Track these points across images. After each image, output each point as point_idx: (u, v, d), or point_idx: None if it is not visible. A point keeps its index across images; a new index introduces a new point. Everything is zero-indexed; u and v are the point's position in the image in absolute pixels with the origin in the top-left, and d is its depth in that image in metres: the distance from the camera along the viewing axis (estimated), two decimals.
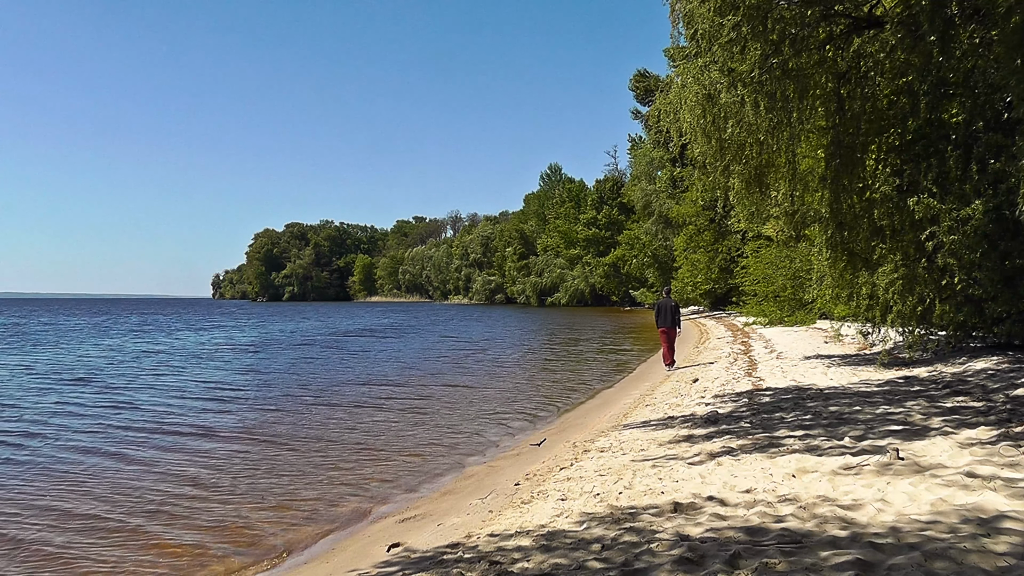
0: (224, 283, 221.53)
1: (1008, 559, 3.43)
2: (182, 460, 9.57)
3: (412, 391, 15.87)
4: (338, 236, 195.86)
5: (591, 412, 12.41)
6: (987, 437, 6.11)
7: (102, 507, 7.51)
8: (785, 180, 10.15)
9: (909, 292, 10.33)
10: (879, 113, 9.57)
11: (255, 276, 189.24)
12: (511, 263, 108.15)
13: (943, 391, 9.17)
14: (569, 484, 6.60)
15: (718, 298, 45.74)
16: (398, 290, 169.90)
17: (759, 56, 8.28)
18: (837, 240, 10.35)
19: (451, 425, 11.73)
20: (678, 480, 5.92)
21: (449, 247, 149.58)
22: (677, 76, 10.18)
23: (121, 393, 16.01)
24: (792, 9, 8.46)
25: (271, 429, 11.62)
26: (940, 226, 9.42)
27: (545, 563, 4.17)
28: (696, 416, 9.27)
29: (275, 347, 29.97)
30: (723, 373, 13.97)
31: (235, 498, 7.81)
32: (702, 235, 46.94)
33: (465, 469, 8.95)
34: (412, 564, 4.82)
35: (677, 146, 11.29)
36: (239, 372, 20.32)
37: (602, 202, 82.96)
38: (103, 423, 12.32)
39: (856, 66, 9.27)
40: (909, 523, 4.10)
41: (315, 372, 20.14)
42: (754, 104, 8.56)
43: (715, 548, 4.00)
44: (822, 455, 6.07)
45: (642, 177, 63.34)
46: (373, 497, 7.86)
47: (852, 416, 7.90)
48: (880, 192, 9.91)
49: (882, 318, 11.40)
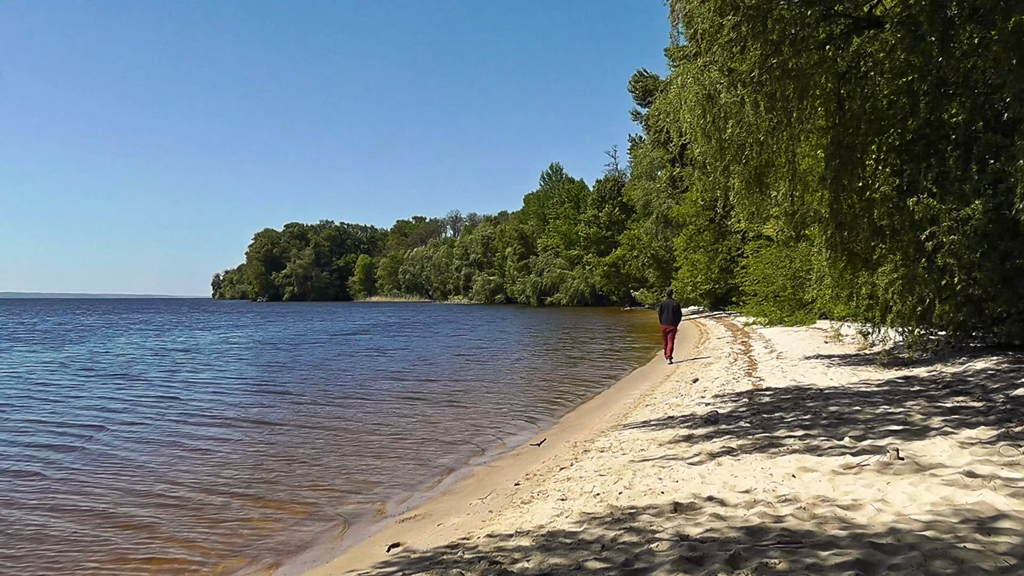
0: (224, 283, 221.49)
1: (1008, 559, 3.43)
2: (185, 460, 9.57)
3: (412, 391, 15.86)
4: (338, 236, 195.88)
5: (591, 412, 12.41)
6: (987, 437, 6.11)
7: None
8: (785, 180, 10.16)
9: (909, 292, 10.33)
10: (879, 113, 9.56)
11: (255, 276, 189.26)
12: (511, 263, 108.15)
13: (943, 391, 9.18)
14: (569, 484, 6.60)
15: (718, 298, 45.73)
16: (398, 290, 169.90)
17: (759, 56, 8.29)
18: (837, 240, 10.36)
19: (451, 425, 11.73)
20: (678, 480, 5.92)
21: (449, 247, 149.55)
22: (677, 76, 10.19)
23: (164, 388, 16.90)
24: (792, 9, 8.47)
25: (270, 429, 11.62)
26: (940, 226, 9.42)
27: (545, 563, 4.17)
28: (696, 416, 9.27)
29: (282, 345, 29.98)
30: (723, 373, 13.97)
31: (235, 498, 7.81)
32: (702, 235, 46.93)
33: (465, 469, 8.95)
34: (412, 564, 4.82)
35: (677, 146, 11.29)
36: (258, 369, 20.39)
37: (602, 202, 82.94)
38: (157, 415, 13.10)
39: (856, 66, 9.27)
40: (909, 523, 4.10)
41: (315, 371, 20.14)
42: (754, 104, 8.57)
43: (715, 548, 4.00)
44: (822, 455, 6.07)
45: (642, 177, 63.37)
46: (373, 497, 7.86)
47: (852, 416, 7.90)
48: (880, 192, 9.91)
49: (882, 318, 11.40)
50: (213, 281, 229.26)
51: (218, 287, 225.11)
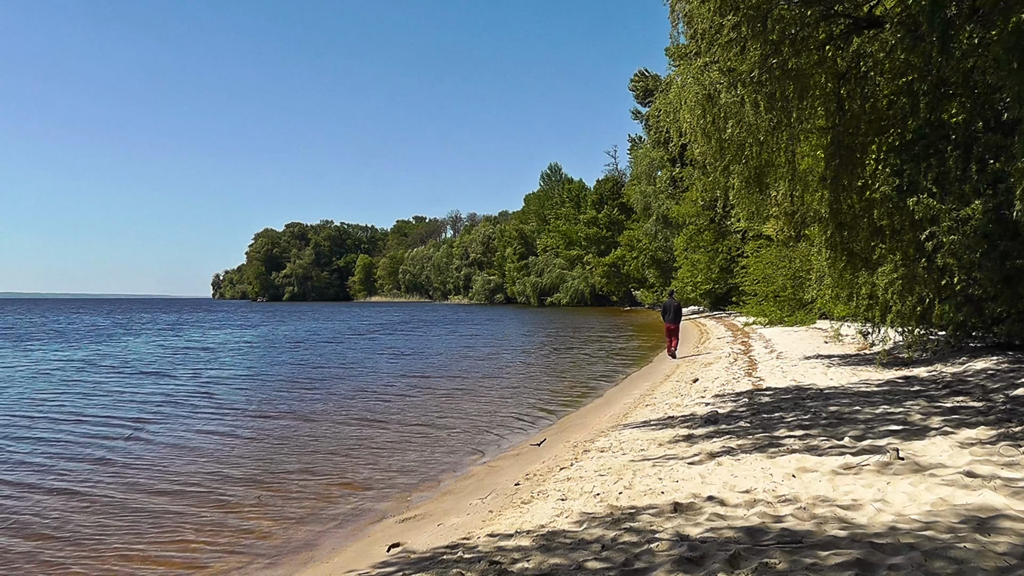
0: (224, 283, 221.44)
1: (1008, 559, 3.43)
2: (184, 459, 9.58)
3: (412, 390, 15.87)
4: (338, 236, 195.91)
5: (591, 412, 12.41)
6: (987, 437, 6.11)
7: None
8: (785, 180, 10.17)
9: (909, 292, 10.34)
10: (879, 113, 9.58)
11: (255, 276, 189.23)
12: (511, 263, 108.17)
13: (943, 391, 9.18)
14: (569, 484, 6.60)
15: (718, 298, 45.74)
16: (398, 290, 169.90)
17: (759, 56, 8.29)
18: (837, 240, 10.37)
19: (451, 425, 11.73)
20: (678, 480, 5.92)
21: (449, 247, 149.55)
22: (677, 76, 10.19)
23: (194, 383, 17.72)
24: (792, 9, 8.47)
25: (270, 428, 11.62)
26: (940, 226, 9.42)
27: (545, 563, 4.17)
28: (696, 416, 9.28)
29: (284, 344, 30.01)
30: (723, 373, 13.98)
31: (235, 497, 7.81)
32: (702, 235, 46.93)
33: (465, 469, 8.96)
34: (412, 564, 4.83)
35: (677, 146, 11.30)
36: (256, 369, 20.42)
37: (602, 202, 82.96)
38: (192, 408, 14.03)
39: (856, 66, 9.28)
40: (909, 523, 4.11)
41: (316, 370, 20.14)
42: (754, 104, 8.57)
43: (715, 548, 4.01)
44: (822, 455, 6.07)
45: (642, 177, 63.33)
46: (373, 497, 7.86)
47: (852, 416, 7.90)
48: (880, 192, 9.91)
49: (882, 318, 11.41)
50: (213, 281, 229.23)
51: (218, 287, 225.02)
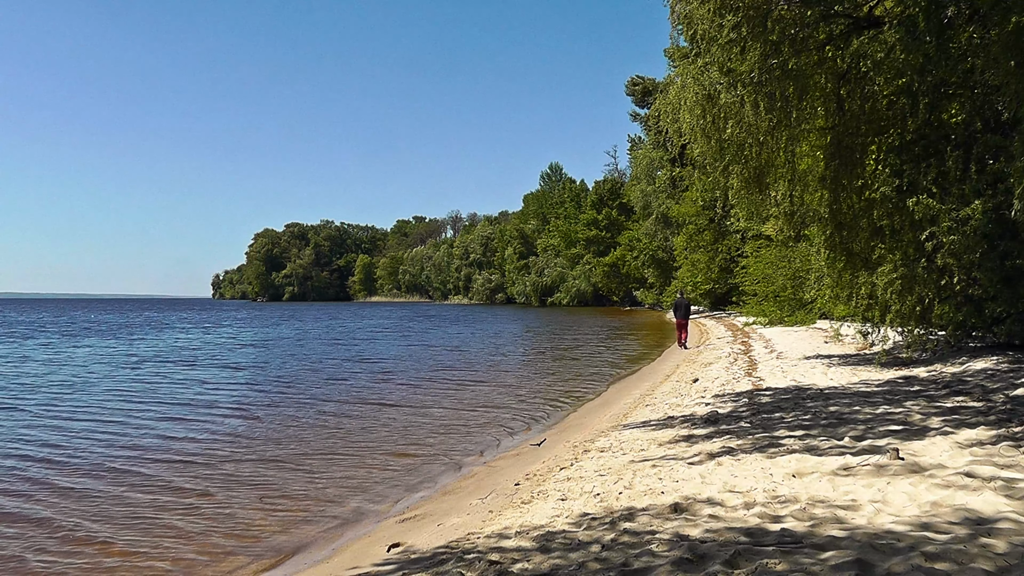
0: (224, 283, 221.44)
1: (1008, 559, 3.43)
2: (184, 459, 9.58)
3: (412, 390, 15.87)
4: (338, 236, 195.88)
5: (591, 412, 12.42)
6: (987, 437, 6.11)
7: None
8: (785, 180, 10.18)
9: (908, 292, 10.34)
10: (879, 113, 9.58)
11: (255, 276, 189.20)
12: (511, 263, 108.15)
13: (943, 391, 9.18)
14: (569, 484, 6.61)
15: (718, 298, 45.75)
16: (398, 290, 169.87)
17: (759, 56, 8.30)
18: (837, 240, 10.38)
19: (451, 425, 11.74)
20: (678, 480, 5.92)
21: (449, 247, 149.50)
22: (677, 77, 10.19)
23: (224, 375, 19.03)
24: (792, 9, 8.48)
25: (270, 428, 11.62)
26: (940, 226, 9.43)
27: (545, 563, 4.17)
28: (696, 416, 9.28)
29: (285, 343, 30.01)
30: (723, 373, 13.98)
31: (235, 497, 7.81)
32: (702, 235, 46.94)
33: (465, 469, 8.96)
34: (412, 564, 4.83)
35: (677, 146, 11.29)
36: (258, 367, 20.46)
37: (602, 203, 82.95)
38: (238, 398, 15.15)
39: (856, 66, 9.29)
40: (909, 523, 4.11)
41: (316, 369, 20.14)
42: (754, 104, 8.57)
43: (715, 548, 4.01)
44: (822, 455, 6.08)
45: (642, 177, 63.36)
46: (373, 497, 7.86)
47: (852, 416, 7.91)
48: (880, 192, 9.92)
49: (881, 318, 11.42)
50: (213, 281, 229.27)
51: (218, 287, 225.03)
